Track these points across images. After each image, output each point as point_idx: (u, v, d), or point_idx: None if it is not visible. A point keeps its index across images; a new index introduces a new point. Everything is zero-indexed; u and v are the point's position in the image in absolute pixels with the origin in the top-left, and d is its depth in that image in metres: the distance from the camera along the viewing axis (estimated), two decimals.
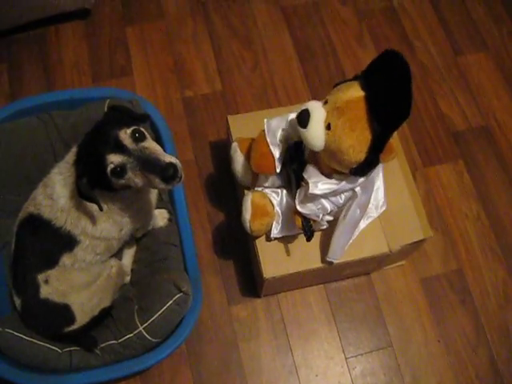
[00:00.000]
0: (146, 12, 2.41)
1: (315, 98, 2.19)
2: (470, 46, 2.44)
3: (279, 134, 1.50)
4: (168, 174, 1.23)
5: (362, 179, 1.42)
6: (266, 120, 1.53)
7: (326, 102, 1.36)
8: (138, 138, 1.28)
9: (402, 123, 1.24)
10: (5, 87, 2.20)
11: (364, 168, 1.36)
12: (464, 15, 2.51)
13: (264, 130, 1.52)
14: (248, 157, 1.61)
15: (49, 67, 2.27)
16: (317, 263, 1.63)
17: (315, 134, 1.33)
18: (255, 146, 1.54)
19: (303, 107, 1.36)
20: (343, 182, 1.42)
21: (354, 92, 1.30)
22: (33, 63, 2.27)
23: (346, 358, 1.84)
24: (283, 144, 1.51)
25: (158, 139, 1.77)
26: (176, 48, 2.33)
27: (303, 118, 1.34)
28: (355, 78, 1.35)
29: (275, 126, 1.51)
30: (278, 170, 1.52)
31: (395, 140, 1.35)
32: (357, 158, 1.32)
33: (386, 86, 1.23)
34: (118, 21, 2.38)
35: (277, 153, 1.50)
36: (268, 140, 1.50)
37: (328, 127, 1.32)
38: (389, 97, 1.23)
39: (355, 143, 1.30)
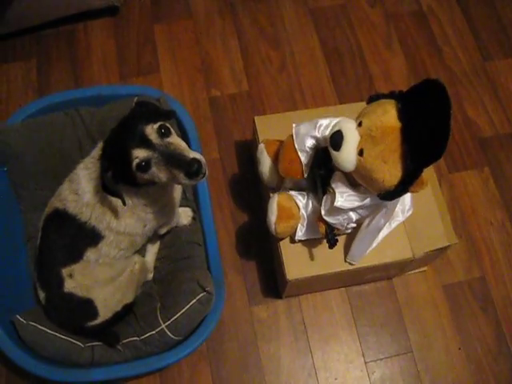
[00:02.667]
0: (174, 10, 2.42)
1: (341, 100, 2.22)
2: (499, 52, 2.41)
3: (307, 140, 1.49)
4: (192, 169, 1.23)
5: None
6: (294, 125, 1.52)
7: (360, 124, 1.32)
8: (164, 133, 1.29)
9: (436, 161, 1.19)
10: (33, 82, 2.23)
11: (392, 196, 1.34)
12: (494, 20, 2.49)
13: (292, 136, 1.51)
14: (275, 160, 1.61)
15: (77, 63, 2.29)
16: (340, 267, 1.62)
17: (347, 158, 1.32)
18: (283, 152, 1.53)
19: (336, 128, 1.33)
20: (368, 199, 1.40)
21: (391, 120, 1.26)
22: (61, 59, 2.29)
23: (365, 363, 1.83)
24: (311, 150, 1.50)
25: (184, 137, 1.78)
26: (203, 47, 2.34)
27: (336, 141, 1.32)
28: (391, 96, 1.32)
29: (304, 132, 1.49)
30: (305, 176, 1.51)
31: (428, 173, 1.31)
32: (386, 186, 1.30)
33: (424, 123, 1.19)
34: (146, 19, 2.39)
35: (305, 159, 1.49)
36: (296, 146, 1.49)
37: (360, 153, 1.30)
38: (426, 134, 1.18)
39: (386, 176, 1.28)
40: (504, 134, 2.23)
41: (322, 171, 1.49)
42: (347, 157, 1.31)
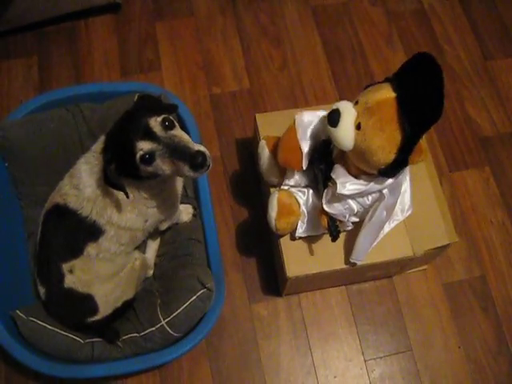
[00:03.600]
0: (176, 8, 2.42)
1: (343, 98, 2.19)
2: (500, 51, 2.41)
3: (309, 130, 1.50)
4: (197, 161, 1.23)
5: (389, 181, 1.42)
6: (297, 115, 1.53)
7: (356, 103, 1.35)
8: (168, 126, 1.29)
9: (432, 124, 1.24)
10: (35, 79, 2.23)
11: (392, 169, 1.35)
12: (495, 19, 2.49)
13: (295, 124, 1.51)
14: (275, 153, 1.61)
15: (78, 60, 2.29)
16: (340, 264, 1.62)
17: (345, 134, 1.33)
18: (284, 139, 1.53)
19: (334, 107, 1.35)
20: (371, 183, 1.41)
21: (385, 93, 1.29)
22: (62, 56, 2.29)
23: (365, 361, 1.83)
24: (312, 141, 1.50)
25: None
26: (205, 45, 2.34)
27: (333, 118, 1.33)
28: (386, 80, 1.34)
29: (307, 122, 1.51)
30: (304, 167, 1.51)
31: (424, 142, 1.34)
32: (386, 158, 1.32)
33: (417, 88, 1.23)
34: (147, 16, 2.39)
35: (305, 148, 1.49)
36: (298, 135, 1.49)
37: (358, 127, 1.32)
38: (420, 98, 1.22)
39: (385, 144, 1.29)
40: (505, 133, 2.23)
41: (322, 166, 1.49)
42: (345, 132, 1.33)
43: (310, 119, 1.51)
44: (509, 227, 2.05)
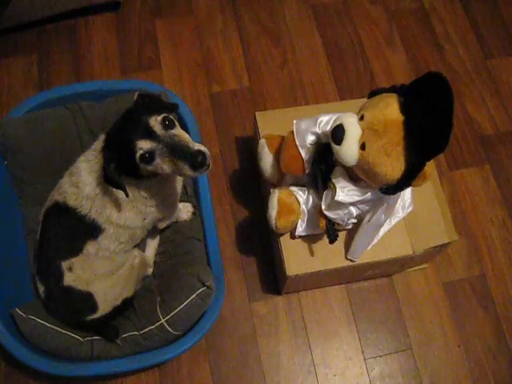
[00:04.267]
0: (175, 6, 2.42)
1: (342, 97, 2.22)
2: (500, 50, 2.41)
3: (308, 136, 1.48)
4: (197, 160, 1.23)
5: None
6: (295, 121, 1.52)
7: (361, 118, 1.32)
8: (168, 125, 1.29)
9: (439, 154, 1.21)
10: (34, 77, 2.22)
11: (394, 190, 1.34)
12: (495, 18, 2.49)
13: (293, 132, 1.50)
14: (276, 156, 1.61)
15: (78, 58, 2.28)
16: (340, 263, 1.62)
17: (349, 153, 1.31)
18: (284, 148, 1.53)
19: (338, 121, 1.32)
20: (369, 193, 1.40)
21: (393, 113, 1.26)
22: (62, 54, 2.29)
23: (364, 359, 1.83)
24: (312, 146, 1.50)
25: None
26: (204, 43, 2.33)
27: (338, 135, 1.31)
28: (392, 90, 1.32)
29: (304, 128, 1.49)
30: (307, 171, 1.51)
31: (430, 167, 1.32)
32: (388, 181, 1.30)
33: (427, 116, 1.19)
34: (147, 14, 2.39)
35: (306, 155, 1.49)
36: (297, 142, 1.49)
37: (362, 147, 1.30)
38: (429, 127, 1.18)
39: (389, 169, 1.27)
40: (505, 132, 2.23)
41: (322, 166, 1.49)
42: (349, 151, 1.31)
43: (307, 126, 1.49)
44: (509, 226, 2.05)
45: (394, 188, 1.32)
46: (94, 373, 1.56)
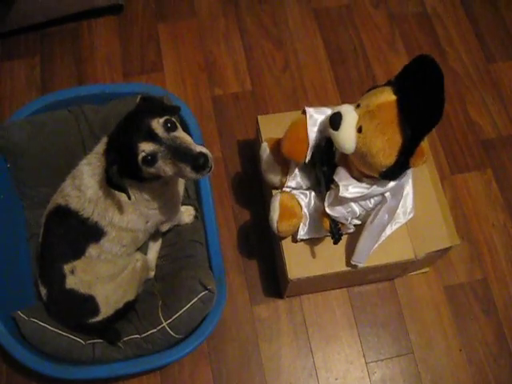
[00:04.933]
0: (178, 9, 2.42)
1: (345, 101, 2.21)
2: (502, 54, 2.41)
3: (317, 124, 1.50)
4: (199, 162, 1.24)
5: (391, 184, 1.42)
6: (307, 108, 1.53)
7: (358, 106, 1.37)
8: (170, 127, 1.29)
9: (433, 127, 1.25)
10: (37, 80, 2.23)
11: (394, 171, 1.36)
12: (498, 22, 2.49)
13: (306, 116, 1.51)
14: (275, 151, 1.61)
15: (80, 61, 2.29)
16: (342, 267, 1.62)
17: (346, 137, 1.34)
18: (292, 130, 1.53)
19: (335, 110, 1.36)
20: (373, 187, 1.42)
21: (387, 96, 1.31)
22: (65, 57, 2.29)
23: (366, 363, 1.83)
24: (318, 135, 1.50)
25: None
26: (207, 46, 2.34)
27: (335, 121, 1.34)
28: (388, 84, 1.35)
29: (315, 116, 1.51)
30: (306, 160, 1.51)
31: (426, 144, 1.35)
32: (387, 161, 1.32)
33: (418, 90, 1.24)
34: (150, 17, 2.39)
35: (311, 141, 1.49)
36: (309, 127, 1.49)
37: (359, 130, 1.33)
38: (421, 100, 1.23)
39: (385, 146, 1.30)
40: (507, 136, 2.23)
41: (325, 168, 1.49)
42: (347, 135, 1.34)
43: (317, 114, 1.51)
44: (511, 230, 2.05)
45: (394, 170, 1.35)
46: (96, 376, 1.55)
